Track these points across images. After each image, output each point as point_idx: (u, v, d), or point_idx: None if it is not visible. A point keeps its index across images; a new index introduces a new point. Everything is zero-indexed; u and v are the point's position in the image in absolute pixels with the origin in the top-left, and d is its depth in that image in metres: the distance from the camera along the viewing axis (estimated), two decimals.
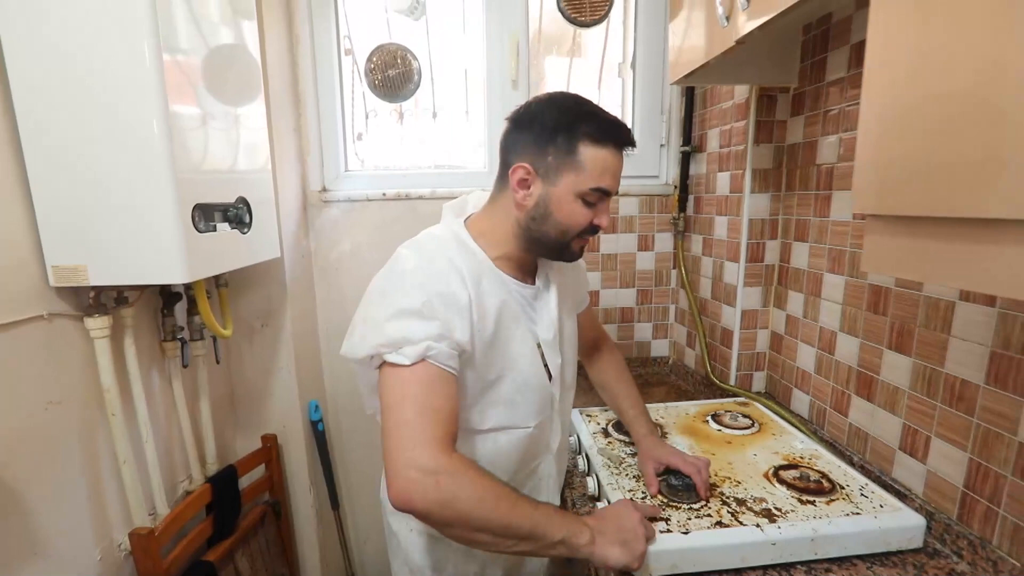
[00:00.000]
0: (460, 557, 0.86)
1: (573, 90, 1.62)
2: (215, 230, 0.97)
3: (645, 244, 1.61)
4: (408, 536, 0.87)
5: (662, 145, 1.59)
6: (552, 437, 0.89)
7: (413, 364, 0.67)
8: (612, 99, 1.64)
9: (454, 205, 0.86)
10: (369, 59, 1.50)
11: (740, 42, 0.83)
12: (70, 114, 0.82)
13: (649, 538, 0.73)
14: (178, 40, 0.89)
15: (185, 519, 1.10)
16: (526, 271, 0.85)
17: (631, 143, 0.77)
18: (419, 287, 0.70)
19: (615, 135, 0.75)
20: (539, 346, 0.83)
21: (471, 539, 0.66)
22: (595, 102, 0.78)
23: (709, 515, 0.81)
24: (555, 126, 0.74)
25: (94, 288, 0.89)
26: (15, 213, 0.82)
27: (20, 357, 0.81)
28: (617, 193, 0.83)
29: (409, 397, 0.66)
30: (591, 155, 0.73)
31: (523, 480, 0.88)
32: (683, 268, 1.55)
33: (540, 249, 0.81)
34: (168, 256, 0.86)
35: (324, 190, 1.53)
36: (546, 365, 0.83)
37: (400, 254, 0.76)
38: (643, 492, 0.89)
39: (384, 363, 0.69)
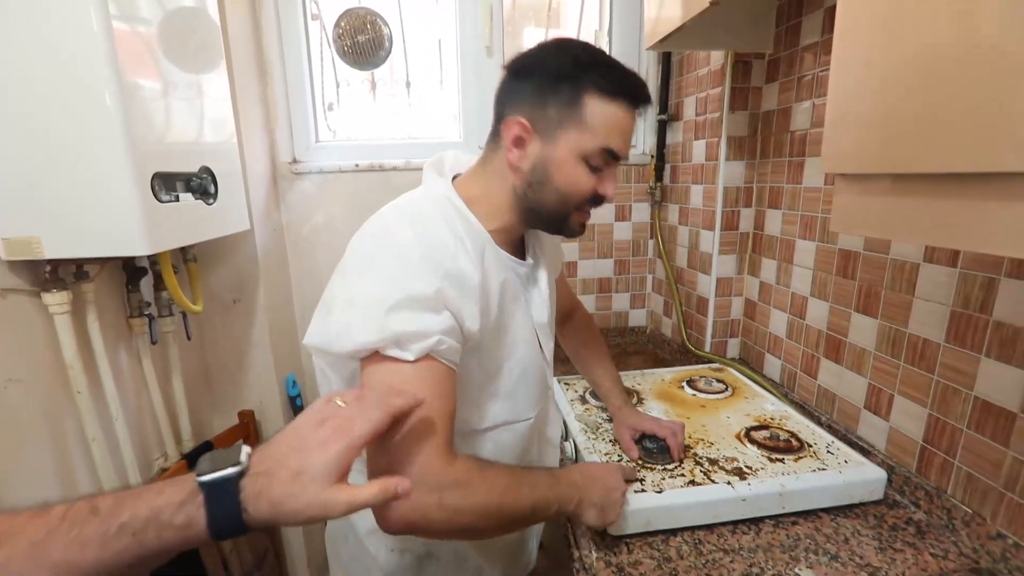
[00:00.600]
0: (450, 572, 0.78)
1: None
2: (178, 200, 0.93)
3: (622, 214, 1.61)
4: (389, 557, 0.74)
5: (638, 114, 1.57)
6: (551, 427, 0.84)
7: (418, 360, 0.56)
8: None
9: (434, 163, 0.73)
10: (337, 24, 1.44)
11: (715, 3, 0.82)
12: (19, 82, 0.77)
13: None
14: (132, 6, 0.84)
15: None
16: (518, 246, 0.75)
17: (647, 100, 0.66)
18: (428, 265, 0.57)
19: (629, 89, 0.64)
20: (534, 330, 0.75)
21: (469, 539, 0.66)
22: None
23: (682, 475, 0.84)
24: (559, 74, 0.63)
25: (50, 262, 0.86)
26: None
27: None
28: (627, 159, 0.72)
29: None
30: (599, 110, 0.62)
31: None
32: (660, 238, 1.56)
33: (536, 221, 0.70)
34: (127, 227, 0.82)
35: (295, 161, 1.48)
36: (542, 349, 0.76)
37: (388, 220, 0.62)
38: (619, 455, 0.90)
39: (376, 353, 0.56)
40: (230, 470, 0.39)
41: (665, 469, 0.85)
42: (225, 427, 1.36)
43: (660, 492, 0.79)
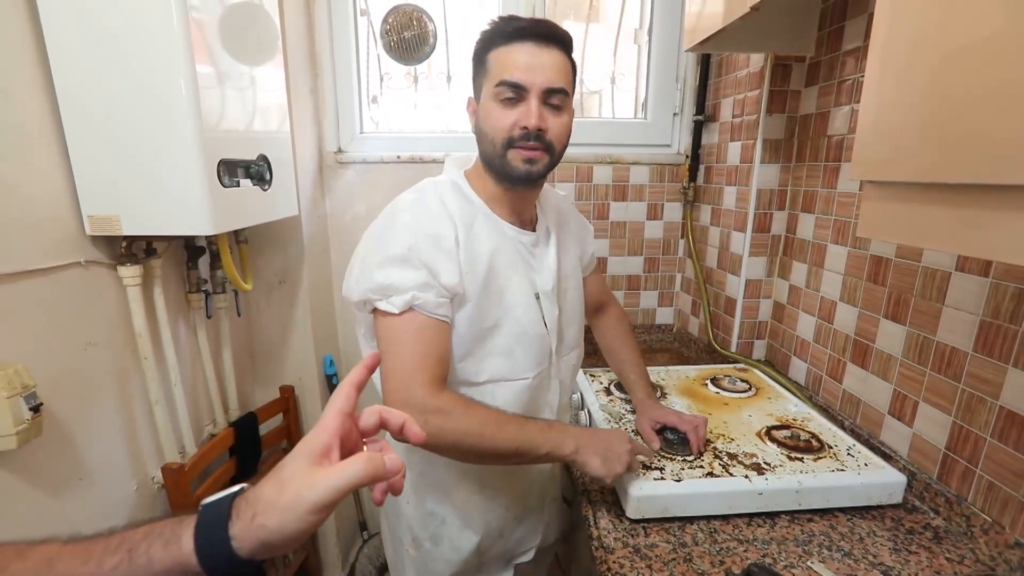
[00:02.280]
0: (456, 530, 0.88)
1: (589, 57, 1.62)
2: (238, 186, 1.01)
3: (654, 213, 1.62)
4: (405, 508, 0.89)
5: (675, 114, 1.58)
6: (551, 394, 0.89)
7: (402, 313, 0.70)
8: (628, 66, 1.63)
9: (458, 158, 0.87)
10: (385, 20, 1.50)
11: (755, 8, 0.83)
12: (102, 72, 0.85)
13: (630, 467, 0.78)
14: (203, 1, 0.91)
15: (211, 459, 1.17)
16: (524, 218, 0.85)
17: (538, 32, 0.73)
18: (407, 230, 0.72)
19: (513, 30, 0.73)
20: (538, 297, 0.83)
21: (463, 460, 0.74)
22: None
23: (701, 466, 0.87)
24: (476, 52, 0.77)
25: (126, 238, 0.94)
26: (53, 165, 0.87)
27: (60, 300, 0.87)
28: (554, 92, 0.73)
29: (401, 343, 0.71)
30: (496, 56, 0.74)
31: None
32: (691, 238, 1.57)
33: (494, 174, 0.79)
34: (195, 209, 0.90)
35: (340, 151, 1.55)
36: (544, 316, 0.84)
37: (399, 197, 0.79)
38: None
39: (376, 310, 0.73)
40: (228, 491, 0.38)
41: (684, 460, 0.88)
42: (267, 400, 1.45)
43: (679, 481, 0.82)
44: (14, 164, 0.80)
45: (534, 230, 0.86)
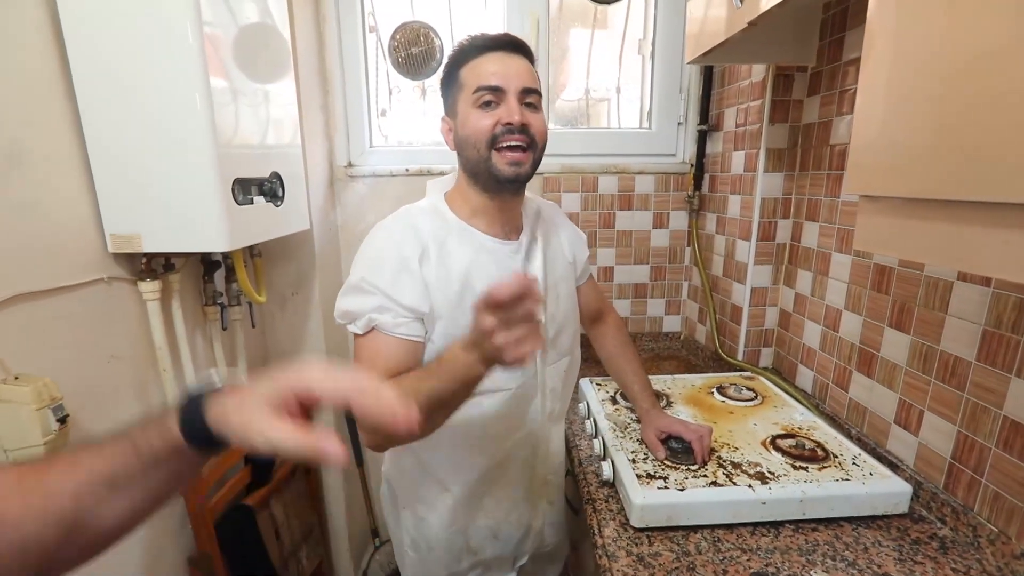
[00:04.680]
0: (447, 534, 0.91)
1: (594, 67, 1.64)
2: (252, 203, 1.04)
3: (660, 222, 1.64)
4: (402, 513, 0.96)
5: (680, 123, 1.60)
6: (537, 402, 0.89)
7: (366, 332, 0.76)
8: (632, 75, 1.65)
9: (439, 181, 0.90)
10: (393, 37, 1.54)
11: (752, 23, 0.85)
12: (123, 94, 0.90)
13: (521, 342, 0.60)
14: (217, 21, 0.95)
15: (227, 466, 1.21)
16: (508, 228, 0.86)
17: (504, 43, 0.79)
18: (365, 260, 0.78)
19: (482, 44, 0.79)
20: None
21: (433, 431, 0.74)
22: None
23: (705, 475, 0.88)
24: (446, 72, 0.83)
25: (146, 255, 0.98)
26: (77, 186, 0.91)
27: (85, 316, 0.91)
28: (528, 91, 0.77)
29: (362, 360, 0.77)
30: (468, 70, 0.79)
31: (520, 444, 0.90)
32: (696, 246, 1.58)
33: (483, 181, 0.81)
34: (212, 226, 0.94)
35: (350, 165, 1.59)
36: None
37: (379, 223, 0.83)
38: (645, 454, 0.95)
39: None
40: (208, 385, 0.44)
41: (688, 469, 0.89)
42: None
43: (682, 490, 0.83)
44: (42, 187, 0.85)
45: (519, 239, 0.87)
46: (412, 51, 1.54)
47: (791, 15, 1.07)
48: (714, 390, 1.19)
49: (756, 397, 1.15)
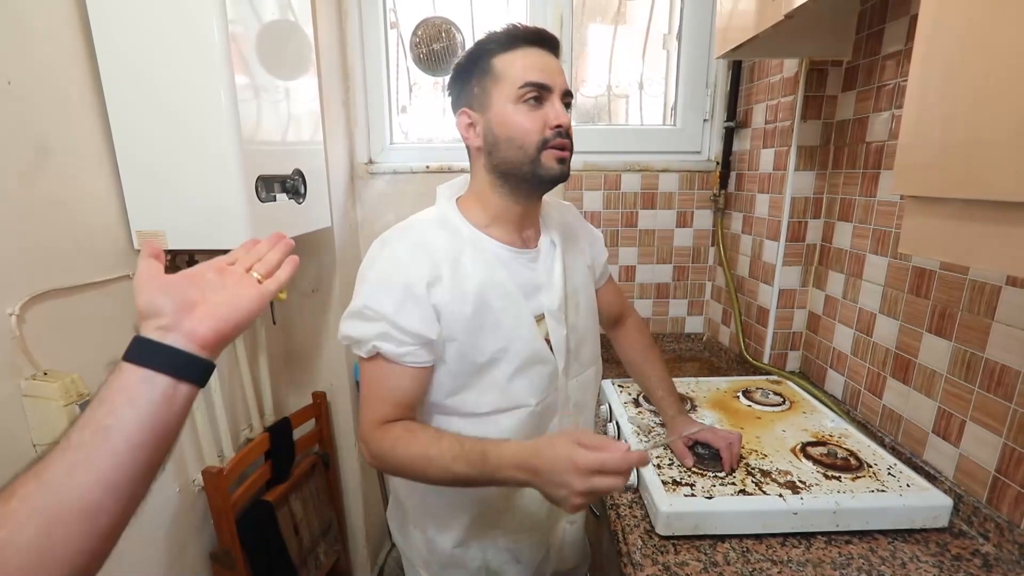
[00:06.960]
0: (461, 555, 0.85)
1: (616, 62, 1.61)
2: (275, 200, 1.04)
3: (684, 220, 1.60)
4: (412, 532, 0.89)
5: (705, 120, 1.56)
6: (559, 419, 0.84)
7: (370, 358, 0.74)
8: (656, 71, 1.62)
9: (450, 185, 0.84)
10: (414, 33, 1.53)
11: (789, 16, 0.82)
12: (149, 91, 0.90)
13: (593, 492, 0.61)
14: (239, 16, 0.95)
15: (247, 463, 1.22)
16: (527, 234, 0.82)
17: (544, 38, 0.74)
18: (367, 286, 0.73)
19: (520, 35, 0.73)
20: (541, 318, 0.79)
21: (409, 478, 0.75)
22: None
23: (733, 483, 0.85)
24: (470, 60, 0.76)
25: (170, 252, 0.99)
26: (104, 183, 0.92)
27: (111, 312, 0.92)
28: (567, 93, 0.75)
29: (364, 384, 0.76)
30: (506, 62, 0.73)
31: None
32: (721, 246, 1.54)
33: (518, 183, 0.76)
34: (235, 223, 0.94)
35: (370, 162, 1.59)
36: (547, 339, 0.80)
37: (373, 246, 0.77)
38: (671, 459, 0.93)
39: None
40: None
41: (716, 476, 0.87)
42: (300, 405, 1.49)
43: (710, 498, 0.81)
44: (70, 184, 0.85)
45: (537, 246, 0.83)
46: (434, 47, 1.53)
47: (828, 7, 1.03)
48: (740, 394, 1.16)
49: (784, 402, 1.12)
